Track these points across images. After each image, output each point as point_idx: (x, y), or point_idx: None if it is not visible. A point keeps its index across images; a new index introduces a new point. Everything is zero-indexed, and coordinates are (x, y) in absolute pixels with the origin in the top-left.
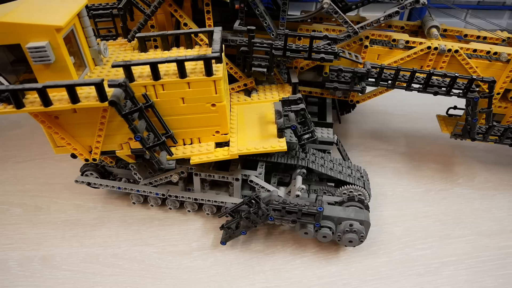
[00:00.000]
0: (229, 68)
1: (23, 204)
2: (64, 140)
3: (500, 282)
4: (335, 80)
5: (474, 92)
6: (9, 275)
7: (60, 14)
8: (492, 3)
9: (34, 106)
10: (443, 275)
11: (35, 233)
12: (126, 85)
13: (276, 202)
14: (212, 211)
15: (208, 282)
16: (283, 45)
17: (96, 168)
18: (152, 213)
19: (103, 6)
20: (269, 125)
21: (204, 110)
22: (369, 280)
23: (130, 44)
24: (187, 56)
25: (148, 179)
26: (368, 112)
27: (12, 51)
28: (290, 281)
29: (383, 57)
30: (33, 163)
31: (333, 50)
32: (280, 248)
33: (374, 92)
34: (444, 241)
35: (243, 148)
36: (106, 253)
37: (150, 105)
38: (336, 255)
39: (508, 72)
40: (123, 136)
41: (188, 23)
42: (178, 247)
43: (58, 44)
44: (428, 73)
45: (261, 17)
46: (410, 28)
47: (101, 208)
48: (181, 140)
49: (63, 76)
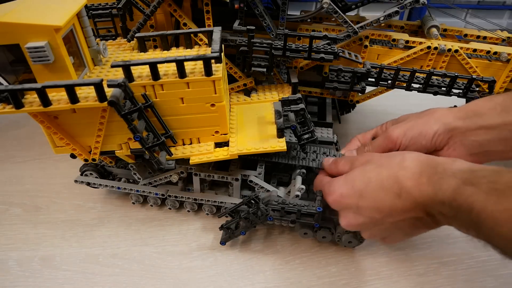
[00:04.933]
0: (229, 68)
1: (23, 204)
2: (64, 140)
3: (500, 282)
4: (334, 80)
5: (474, 92)
6: (9, 275)
7: (59, 14)
8: (492, 3)
9: (33, 106)
10: (443, 275)
11: (35, 233)
12: (125, 85)
13: (276, 203)
14: (212, 211)
15: (207, 282)
16: (283, 45)
17: (96, 168)
18: (152, 213)
19: (103, 6)
20: (269, 125)
21: (204, 110)
22: (369, 280)
23: (130, 44)
24: (187, 56)
25: (147, 179)
26: (368, 112)
27: (11, 51)
28: (290, 281)
29: (383, 57)
30: (33, 163)
31: (333, 50)
32: (280, 248)
33: (374, 92)
34: (444, 241)
35: (242, 148)
36: (106, 253)
37: (150, 105)
38: (336, 255)
39: (508, 71)
40: (122, 136)
41: (187, 23)
42: (177, 247)
43: (57, 44)
44: (428, 73)
45: (261, 17)
46: (410, 28)
47: (100, 208)
48: (181, 140)
49: (63, 76)
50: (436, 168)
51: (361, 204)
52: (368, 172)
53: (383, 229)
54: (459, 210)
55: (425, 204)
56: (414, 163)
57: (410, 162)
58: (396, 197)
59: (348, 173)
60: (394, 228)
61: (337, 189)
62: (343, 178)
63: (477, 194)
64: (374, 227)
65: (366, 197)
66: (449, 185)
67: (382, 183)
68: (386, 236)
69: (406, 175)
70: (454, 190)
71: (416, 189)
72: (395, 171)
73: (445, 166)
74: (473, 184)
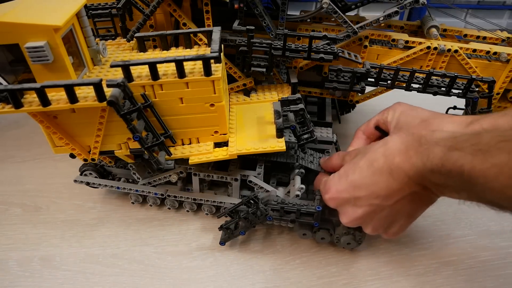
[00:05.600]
0: (228, 68)
1: (23, 204)
2: (63, 140)
3: (500, 282)
4: (334, 80)
5: (473, 92)
6: (9, 275)
7: (58, 14)
8: (492, 3)
9: (32, 106)
10: (443, 275)
11: (35, 233)
12: (124, 85)
13: (275, 202)
14: (211, 211)
15: (207, 282)
16: (283, 45)
17: (95, 168)
18: (152, 213)
19: (102, 6)
20: (268, 125)
21: (203, 110)
22: (369, 280)
23: (129, 44)
24: (186, 56)
25: (147, 179)
26: (368, 112)
27: (10, 51)
28: (290, 281)
29: (382, 57)
30: (33, 163)
31: (333, 50)
32: (280, 248)
33: (374, 92)
34: (444, 241)
35: (242, 148)
36: (106, 253)
37: (149, 105)
38: (336, 255)
39: (508, 72)
40: (122, 136)
41: (187, 23)
42: (177, 247)
43: (56, 44)
44: (427, 73)
45: (260, 17)
46: (409, 28)
47: (100, 208)
48: (180, 140)
49: (62, 76)
50: (420, 140)
51: (357, 194)
52: (358, 162)
53: (383, 217)
54: (449, 175)
55: (417, 176)
56: (397, 141)
57: (393, 141)
58: (389, 177)
59: (341, 169)
60: (395, 212)
61: (332, 185)
62: (337, 175)
63: (463, 158)
64: (374, 216)
65: (361, 186)
66: (435, 153)
67: (373, 168)
68: (389, 225)
69: (393, 153)
70: (441, 158)
71: (406, 163)
72: (381, 152)
73: (427, 138)
74: (457, 149)
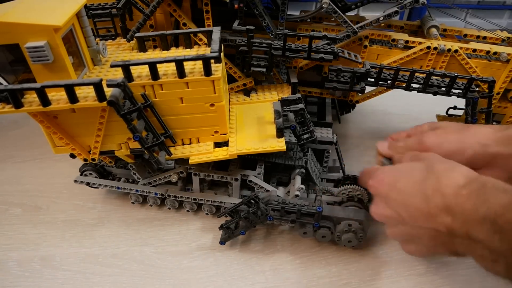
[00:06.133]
0: (228, 68)
1: (23, 204)
2: (63, 140)
3: (500, 282)
4: (334, 80)
5: (473, 92)
6: (9, 275)
7: (58, 14)
8: (492, 3)
9: (32, 106)
10: (443, 275)
11: (35, 233)
12: (124, 85)
13: (275, 202)
14: (211, 211)
15: (207, 282)
16: (282, 45)
17: (95, 168)
18: (152, 213)
19: (102, 6)
20: (268, 125)
21: (203, 110)
22: (369, 280)
23: (129, 44)
24: (186, 56)
25: (147, 179)
26: (368, 112)
27: (11, 51)
28: (290, 281)
29: (382, 57)
30: (33, 163)
31: (333, 50)
32: (280, 248)
33: (374, 92)
34: None
35: (242, 148)
36: (106, 253)
37: (149, 105)
38: (336, 255)
39: (508, 72)
40: (122, 136)
41: (187, 23)
42: (177, 247)
43: (56, 44)
44: (427, 73)
45: (260, 17)
46: (409, 28)
47: (100, 208)
48: (180, 140)
49: (62, 76)
50: (486, 184)
51: (391, 194)
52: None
53: (405, 231)
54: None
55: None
56: (461, 175)
57: (458, 173)
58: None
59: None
60: (416, 234)
61: (381, 174)
62: (392, 167)
63: None
64: (398, 225)
65: (398, 190)
66: (499, 199)
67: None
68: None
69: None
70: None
71: (452, 197)
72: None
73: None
74: None
